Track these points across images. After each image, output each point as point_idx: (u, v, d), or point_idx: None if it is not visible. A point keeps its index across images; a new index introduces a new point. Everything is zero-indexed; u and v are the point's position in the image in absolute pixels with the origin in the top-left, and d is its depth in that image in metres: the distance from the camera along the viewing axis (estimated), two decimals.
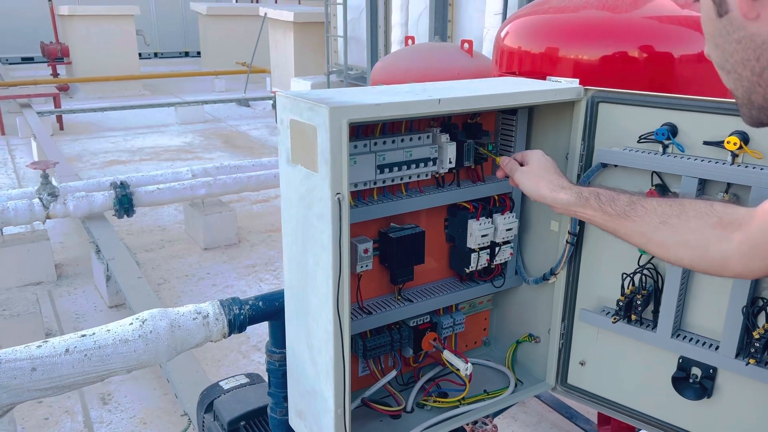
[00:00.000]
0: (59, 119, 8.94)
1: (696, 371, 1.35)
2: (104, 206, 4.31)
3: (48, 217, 4.12)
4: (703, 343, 1.32)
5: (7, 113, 8.88)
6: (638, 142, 1.33)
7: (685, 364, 1.36)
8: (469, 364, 1.43)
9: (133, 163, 7.28)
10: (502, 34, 2.14)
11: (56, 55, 11.32)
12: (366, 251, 1.34)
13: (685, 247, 1.01)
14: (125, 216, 4.37)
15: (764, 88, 0.72)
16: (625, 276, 1.40)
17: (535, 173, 1.24)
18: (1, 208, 3.91)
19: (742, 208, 0.96)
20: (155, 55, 16.85)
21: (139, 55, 12.37)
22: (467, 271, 1.52)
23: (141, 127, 9.16)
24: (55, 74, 11.47)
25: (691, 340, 1.34)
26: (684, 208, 1.02)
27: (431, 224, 1.51)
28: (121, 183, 4.38)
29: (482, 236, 1.49)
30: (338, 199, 1.07)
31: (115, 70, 11.20)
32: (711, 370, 1.32)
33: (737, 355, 1.26)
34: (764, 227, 0.88)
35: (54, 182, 4.22)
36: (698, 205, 1.01)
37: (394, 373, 1.50)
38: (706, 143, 1.24)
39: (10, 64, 14.82)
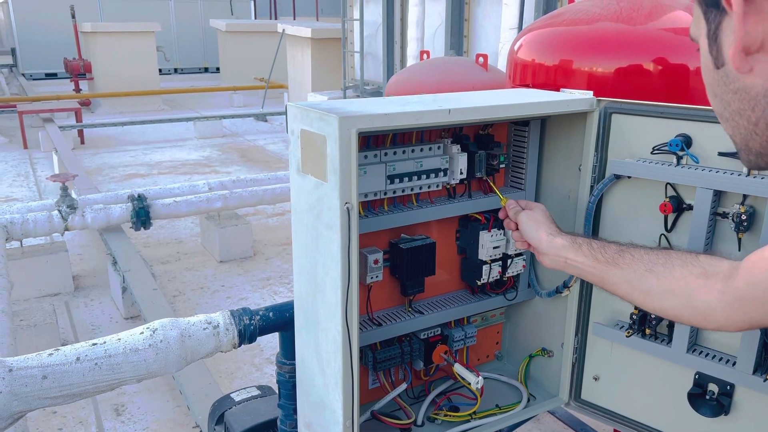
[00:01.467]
0: (80, 133, 9.07)
1: (713, 387, 1.32)
2: (122, 218, 4.35)
3: (66, 229, 4.17)
4: (720, 359, 1.29)
5: (30, 127, 9.03)
6: (652, 153, 1.31)
7: (701, 380, 1.33)
8: (481, 377, 1.41)
9: (152, 176, 7.35)
10: (516, 47, 2.14)
11: (79, 71, 11.52)
12: (376, 262, 1.33)
13: (669, 295, 1.02)
14: (142, 228, 4.40)
15: (761, 136, 0.74)
16: None
17: (537, 218, 1.31)
18: (21, 220, 3.96)
19: (726, 261, 0.97)
20: (175, 70, 17.10)
21: (159, 70, 12.56)
22: (479, 283, 1.50)
23: (160, 141, 9.26)
24: (78, 89, 11.66)
25: (707, 355, 1.31)
26: (670, 257, 1.04)
27: (442, 235, 1.50)
28: (139, 196, 4.41)
29: (494, 248, 1.47)
30: (347, 208, 1.07)
31: (135, 86, 11.39)
32: (728, 387, 1.29)
33: (755, 371, 1.23)
34: (751, 281, 0.88)
35: (73, 194, 4.27)
36: (684, 255, 1.03)
37: (404, 385, 1.49)
38: (721, 154, 1.22)
39: (34, 79, 15.13)
